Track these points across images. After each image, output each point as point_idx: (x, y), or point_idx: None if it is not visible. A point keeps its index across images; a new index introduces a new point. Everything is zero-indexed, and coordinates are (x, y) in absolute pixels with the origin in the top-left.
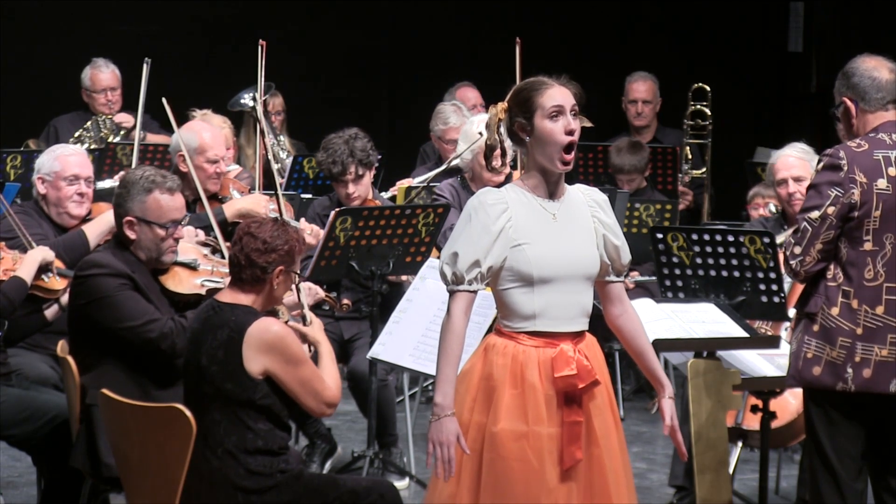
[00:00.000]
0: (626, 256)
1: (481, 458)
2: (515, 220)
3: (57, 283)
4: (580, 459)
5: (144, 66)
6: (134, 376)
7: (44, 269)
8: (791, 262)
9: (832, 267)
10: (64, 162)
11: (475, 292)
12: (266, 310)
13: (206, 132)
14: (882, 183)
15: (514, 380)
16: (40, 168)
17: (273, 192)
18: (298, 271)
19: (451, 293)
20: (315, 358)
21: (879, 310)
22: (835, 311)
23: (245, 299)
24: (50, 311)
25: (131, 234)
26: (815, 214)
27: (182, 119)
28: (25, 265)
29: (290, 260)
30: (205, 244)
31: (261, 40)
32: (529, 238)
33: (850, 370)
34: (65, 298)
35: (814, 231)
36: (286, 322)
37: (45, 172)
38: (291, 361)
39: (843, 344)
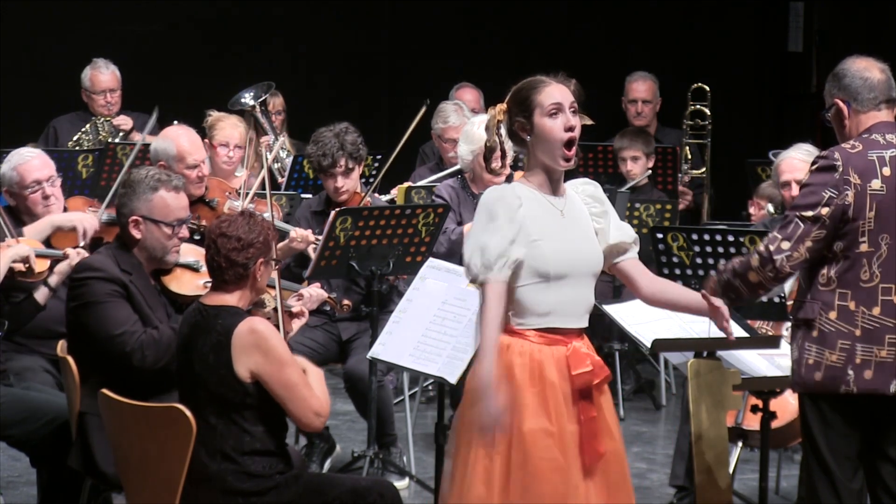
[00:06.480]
0: (631, 233)
1: (509, 460)
2: (530, 216)
3: (38, 266)
4: (603, 454)
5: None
6: (122, 385)
7: (22, 261)
8: (776, 258)
9: (825, 271)
10: (22, 171)
11: (504, 281)
12: (253, 301)
13: (182, 138)
14: (876, 183)
15: (532, 379)
16: (1, 180)
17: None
18: (276, 258)
19: (483, 283)
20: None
21: (876, 311)
22: (833, 314)
23: (230, 299)
24: (41, 295)
25: (137, 234)
26: (808, 213)
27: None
28: None
29: (267, 250)
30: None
31: None
32: (543, 234)
33: (850, 372)
34: (52, 279)
35: (805, 229)
36: (273, 309)
37: (7, 185)
38: (276, 361)
39: (843, 346)
